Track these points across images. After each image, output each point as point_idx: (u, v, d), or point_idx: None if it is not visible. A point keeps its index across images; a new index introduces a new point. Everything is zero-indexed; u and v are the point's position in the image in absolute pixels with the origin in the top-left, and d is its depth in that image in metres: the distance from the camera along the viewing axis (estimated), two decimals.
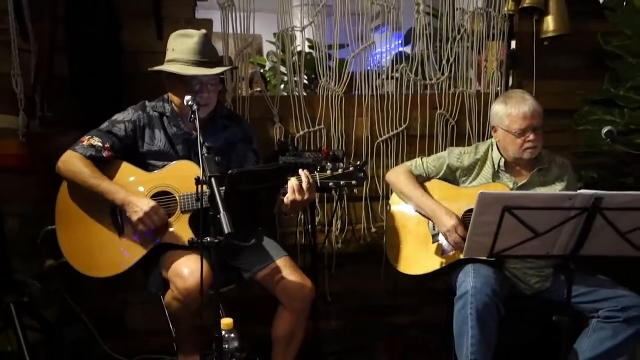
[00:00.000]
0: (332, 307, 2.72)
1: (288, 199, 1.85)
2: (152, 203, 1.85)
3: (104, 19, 2.24)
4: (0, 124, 2.05)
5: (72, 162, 1.89)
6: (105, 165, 1.93)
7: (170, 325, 2.03)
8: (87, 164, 1.88)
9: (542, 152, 2.10)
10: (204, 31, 1.97)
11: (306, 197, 1.85)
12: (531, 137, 2.03)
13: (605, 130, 2.02)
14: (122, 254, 1.92)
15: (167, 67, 1.93)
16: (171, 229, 1.92)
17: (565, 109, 2.69)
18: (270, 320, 2.00)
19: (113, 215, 1.94)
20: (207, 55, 1.94)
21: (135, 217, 1.84)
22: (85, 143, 1.92)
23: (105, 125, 1.97)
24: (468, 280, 1.90)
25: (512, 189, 2.08)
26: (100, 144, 1.91)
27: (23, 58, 2.27)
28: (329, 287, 2.72)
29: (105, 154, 1.92)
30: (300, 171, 1.85)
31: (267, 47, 4.85)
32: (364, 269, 2.74)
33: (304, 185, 1.83)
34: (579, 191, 1.55)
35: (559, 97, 2.71)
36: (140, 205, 1.83)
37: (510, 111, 2.04)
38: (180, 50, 1.93)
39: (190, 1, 2.46)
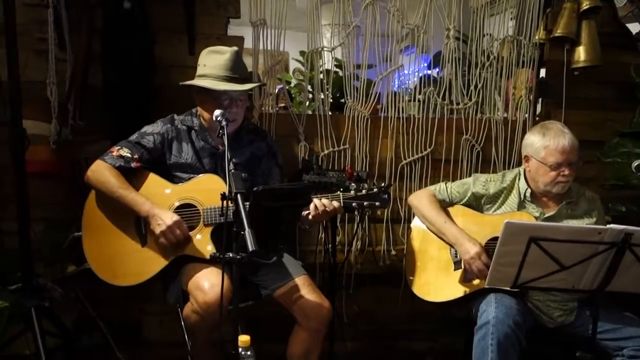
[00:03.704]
0: (348, 328, 2.69)
1: (310, 216, 1.87)
2: (176, 217, 1.87)
3: (139, 33, 2.29)
4: (32, 130, 2.08)
5: (101, 172, 1.92)
6: (133, 175, 1.96)
7: (186, 338, 2.02)
8: (115, 174, 1.91)
9: (571, 186, 2.07)
10: (235, 48, 2.01)
11: (328, 216, 1.88)
12: (566, 171, 1.99)
13: (635, 163, 1.99)
14: (143, 264, 1.94)
15: (198, 82, 1.96)
16: (193, 241, 1.93)
17: (593, 139, 2.65)
18: (286, 339, 1.99)
19: (137, 225, 1.97)
20: (237, 71, 1.97)
21: (158, 230, 1.86)
22: (114, 153, 1.95)
23: (134, 137, 2.01)
24: (489, 310, 1.86)
25: (538, 219, 2.05)
26: (129, 155, 1.95)
27: (59, 67, 2.32)
28: (345, 308, 2.69)
29: (133, 164, 1.95)
30: (317, 200, 1.88)
31: (293, 64, 4.89)
32: (382, 291, 2.71)
33: (321, 209, 1.86)
34: (608, 225, 1.52)
35: (588, 128, 2.66)
36: (164, 219, 1.85)
37: (548, 143, 2.00)
38: (211, 65, 1.97)
39: (222, 18, 2.50)
